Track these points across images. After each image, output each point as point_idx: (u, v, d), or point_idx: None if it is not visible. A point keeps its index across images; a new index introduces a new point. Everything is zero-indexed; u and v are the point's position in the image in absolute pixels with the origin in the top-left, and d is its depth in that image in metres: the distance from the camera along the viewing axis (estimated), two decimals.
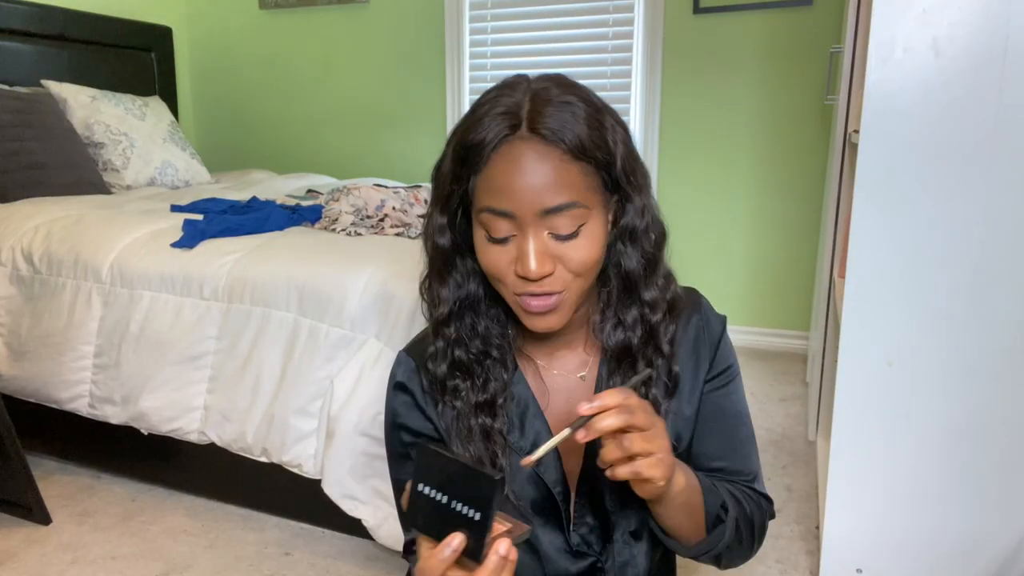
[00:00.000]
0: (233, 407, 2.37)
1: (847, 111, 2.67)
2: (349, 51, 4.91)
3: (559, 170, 1.02)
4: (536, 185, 1.02)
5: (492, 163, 1.04)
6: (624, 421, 0.93)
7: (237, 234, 2.67)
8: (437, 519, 0.85)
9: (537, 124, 1.03)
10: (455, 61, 4.63)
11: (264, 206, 3.04)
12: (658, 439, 0.97)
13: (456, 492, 0.84)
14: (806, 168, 4.04)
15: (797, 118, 4.01)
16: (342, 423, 2.15)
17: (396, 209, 2.86)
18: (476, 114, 1.07)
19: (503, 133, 1.03)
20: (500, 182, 1.03)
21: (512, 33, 4.51)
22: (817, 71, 3.91)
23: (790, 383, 3.73)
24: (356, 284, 2.26)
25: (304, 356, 2.27)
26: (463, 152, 1.07)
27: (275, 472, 2.38)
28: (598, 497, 1.22)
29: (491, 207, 1.04)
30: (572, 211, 1.03)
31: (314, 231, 2.76)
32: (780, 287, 4.23)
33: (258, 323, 2.36)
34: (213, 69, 5.28)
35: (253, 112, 5.24)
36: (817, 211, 4.04)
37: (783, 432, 3.14)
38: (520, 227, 1.04)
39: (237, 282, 2.41)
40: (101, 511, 2.60)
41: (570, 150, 1.03)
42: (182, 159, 4.11)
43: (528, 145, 1.02)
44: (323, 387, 2.23)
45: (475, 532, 0.84)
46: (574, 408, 1.20)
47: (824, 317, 2.92)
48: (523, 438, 1.20)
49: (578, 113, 1.05)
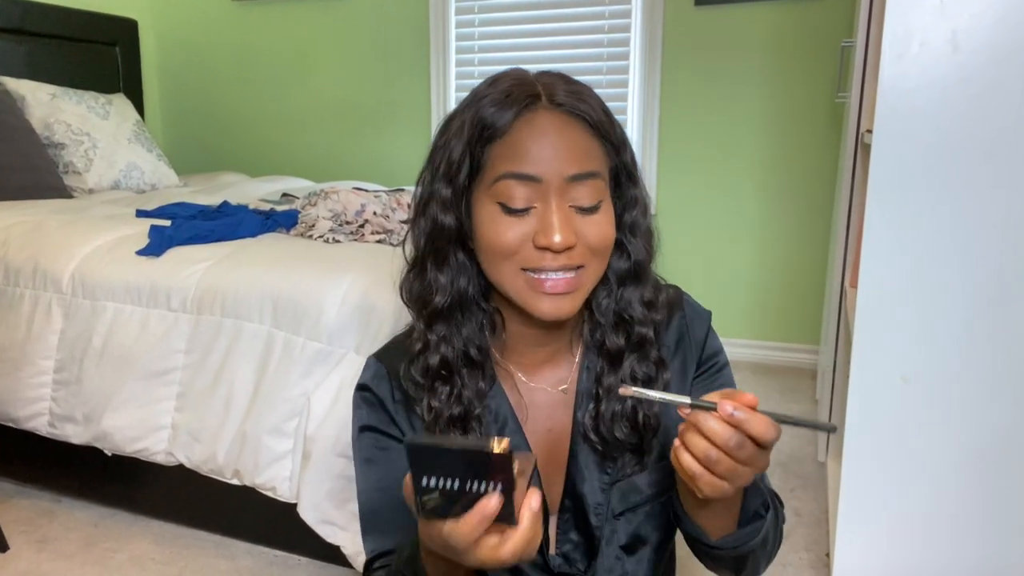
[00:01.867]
0: (203, 426, 2.36)
1: (859, 110, 2.67)
2: (327, 45, 4.91)
3: (586, 140, 1.07)
4: (562, 151, 1.05)
5: (515, 129, 1.06)
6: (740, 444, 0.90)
7: (207, 241, 2.66)
8: (454, 504, 0.84)
9: (557, 97, 1.07)
10: (440, 56, 4.63)
11: (236, 211, 3.03)
12: (761, 464, 0.94)
13: (467, 475, 0.82)
14: (815, 171, 4.05)
15: (806, 117, 4.02)
16: (319, 443, 2.14)
17: (377, 214, 2.86)
18: (488, 89, 1.10)
19: (525, 103, 1.06)
20: (524, 146, 1.05)
21: (501, 27, 4.51)
22: (827, 67, 3.92)
23: (798, 400, 3.73)
24: (334, 294, 2.25)
25: (279, 371, 2.26)
26: (480, 122, 1.08)
27: (248, 496, 2.36)
28: (582, 514, 1.23)
29: (514, 171, 1.05)
30: (595, 182, 1.07)
31: (289, 238, 2.76)
32: (788, 298, 4.24)
33: (229, 336, 2.35)
34: (182, 65, 5.28)
35: (224, 111, 5.24)
36: (827, 217, 4.06)
37: (791, 453, 3.14)
38: (543, 195, 1.06)
39: (207, 292, 2.40)
40: (62, 537, 2.58)
41: (592, 125, 1.07)
42: (148, 161, 4.09)
43: (553, 115, 1.06)
44: (299, 404, 2.22)
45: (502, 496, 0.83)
46: (555, 423, 1.23)
47: (835, 330, 2.92)
48: None
49: (592, 97, 1.10)
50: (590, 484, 1.22)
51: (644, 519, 1.25)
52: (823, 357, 3.37)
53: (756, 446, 0.90)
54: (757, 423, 0.88)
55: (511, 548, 0.84)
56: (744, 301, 4.31)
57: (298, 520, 2.19)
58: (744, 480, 0.94)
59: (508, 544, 0.84)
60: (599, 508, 1.22)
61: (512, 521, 0.84)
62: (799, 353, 4.26)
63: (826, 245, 4.07)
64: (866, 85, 2.63)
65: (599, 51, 4.32)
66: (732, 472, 0.91)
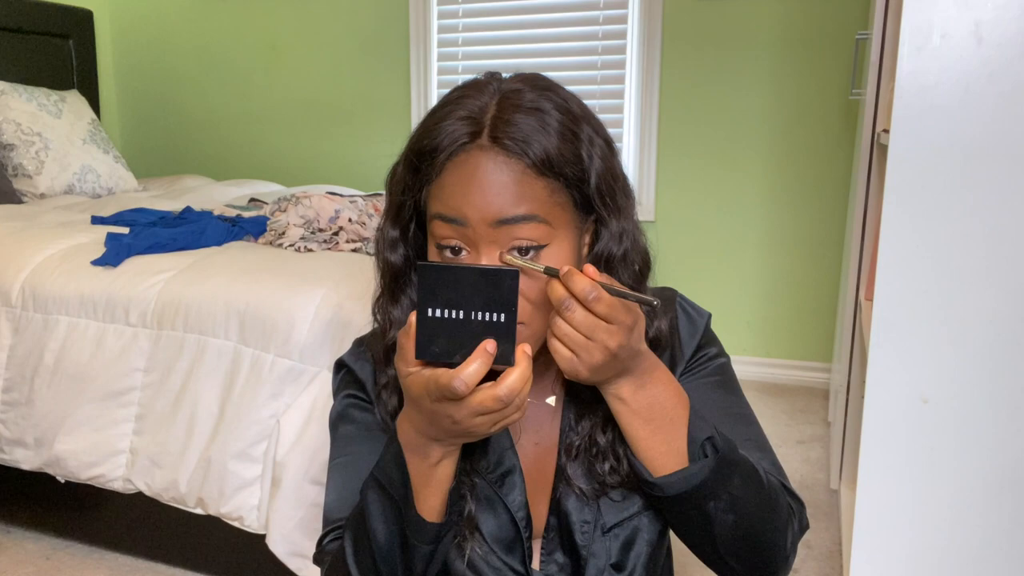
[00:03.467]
0: (163, 450, 2.34)
1: (875, 107, 2.68)
2: (299, 38, 4.91)
3: (519, 183, 1.05)
4: (490, 195, 1.04)
5: (446, 171, 1.07)
6: (595, 302, 0.97)
7: (168, 250, 2.65)
8: (456, 339, 0.95)
9: (500, 132, 1.05)
10: (421, 51, 4.64)
11: (200, 218, 3.02)
12: (603, 338, 1.00)
13: (473, 302, 0.94)
14: (828, 174, 4.06)
15: (817, 116, 4.04)
16: (290, 469, 2.14)
17: (352, 221, 2.86)
18: (435, 116, 1.10)
19: (461, 140, 1.06)
20: (451, 190, 1.06)
21: (487, 18, 4.52)
22: (840, 61, 3.94)
23: (809, 423, 3.74)
24: (306, 308, 2.25)
25: (246, 391, 2.25)
26: (416, 159, 1.10)
27: (213, 526, 2.35)
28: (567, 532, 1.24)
29: (441, 213, 1.08)
30: (531, 226, 1.06)
31: (257, 246, 2.75)
32: (798, 312, 4.24)
33: (192, 353, 2.34)
34: (141, 59, 5.27)
35: (187, 109, 5.23)
36: (841, 224, 4.07)
37: (801, 480, 3.14)
38: (471, 241, 1.06)
39: (168, 306, 2.39)
40: (11, 571, 2.56)
41: (534, 164, 1.05)
42: (105, 163, 4.08)
43: (487, 155, 1.05)
44: (268, 427, 2.21)
45: (501, 335, 0.95)
46: (543, 437, 1.27)
47: (849, 346, 2.92)
48: (485, 459, 1.24)
49: (549, 122, 1.07)
50: (577, 500, 1.23)
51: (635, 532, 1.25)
52: (836, 376, 3.38)
53: (589, 313, 0.98)
54: (578, 280, 0.97)
55: (508, 384, 0.94)
56: (750, 315, 4.32)
57: (267, 552, 2.18)
58: (590, 356, 1.00)
59: (505, 381, 0.94)
60: (585, 526, 1.23)
61: (511, 360, 0.95)
62: (810, 372, 4.27)
63: (839, 254, 4.08)
64: (882, 81, 2.64)
65: (593, 44, 4.33)
66: (571, 340, 1.00)
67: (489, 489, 1.23)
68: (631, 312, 1.01)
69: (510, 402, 0.94)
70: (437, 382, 0.94)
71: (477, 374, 0.92)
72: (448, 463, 1.07)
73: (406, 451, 1.06)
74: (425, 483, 1.07)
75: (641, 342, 1.06)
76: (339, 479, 1.28)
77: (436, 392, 0.94)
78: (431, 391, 0.95)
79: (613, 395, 1.09)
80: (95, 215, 3.18)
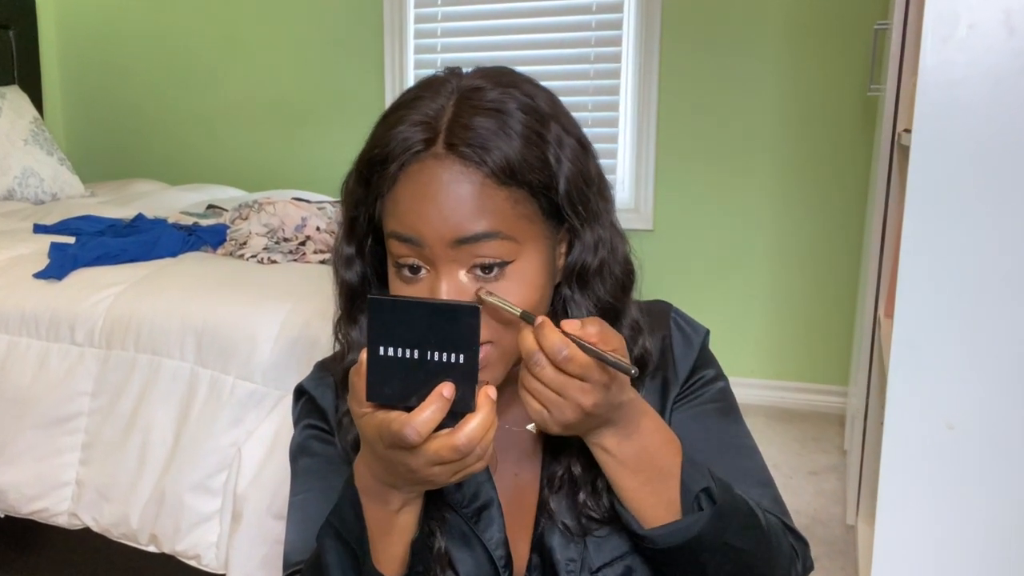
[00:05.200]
0: (113, 482, 2.33)
1: (896, 105, 2.68)
2: (262, 30, 4.91)
3: (478, 196, 1.05)
4: (447, 211, 1.04)
5: (399, 184, 1.07)
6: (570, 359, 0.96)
7: (119, 262, 2.65)
8: (411, 381, 0.92)
9: (456, 139, 1.05)
10: (396, 44, 4.64)
11: (152, 226, 3.02)
12: (575, 396, 0.98)
13: (429, 340, 0.91)
14: (843, 178, 4.08)
15: (831, 114, 4.05)
16: (252, 502, 2.13)
17: (321, 230, 2.86)
18: (387, 122, 1.11)
19: (414, 148, 1.06)
20: (405, 206, 1.06)
21: (468, 7, 4.54)
22: (857, 54, 3.95)
23: (824, 451, 3.74)
24: (270, 326, 2.25)
25: (203, 417, 2.24)
26: (367, 170, 1.11)
27: (168, 564, 2.33)
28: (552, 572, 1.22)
29: (396, 232, 1.08)
30: (493, 243, 1.06)
31: (216, 258, 2.75)
32: (810, 329, 4.25)
33: (144, 375, 2.33)
34: (88, 52, 5.26)
35: (139, 107, 5.22)
36: (857, 233, 4.08)
37: (814, 515, 3.14)
38: (429, 260, 1.07)
39: (118, 323, 2.38)
40: None
41: (494, 172, 1.05)
42: (48, 166, 4.07)
43: (442, 165, 1.05)
44: (228, 456, 2.20)
45: (460, 378, 0.92)
46: (523, 468, 1.26)
47: (866, 368, 2.92)
48: (460, 492, 1.23)
49: (511, 124, 1.07)
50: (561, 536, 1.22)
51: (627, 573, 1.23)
52: (852, 400, 3.38)
53: (559, 371, 0.97)
54: (548, 335, 0.96)
55: (467, 433, 0.92)
56: (758, 333, 4.32)
57: None
58: (561, 414, 1.00)
59: (463, 429, 0.92)
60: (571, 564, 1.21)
61: (471, 406, 0.93)
62: (824, 395, 4.27)
63: (856, 266, 4.09)
64: (904, 76, 2.64)
65: (586, 35, 4.34)
66: (541, 395, 0.99)
67: (465, 525, 1.22)
68: (607, 370, 0.99)
69: (469, 452, 0.93)
70: (389, 428, 0.92)
71: (431, 422, 0.91)
72: (410, 511, 1.06)
73: (364, 497, 1.05)
74: (385, 532, 1.06)
75: (623, 393, 1.04)
76: (299, 518, 1.28)
77: (388, 439, 0.93)
78: (384, 437, 0.94)
79: (596, 445, 1.09)
80: (37, 223, 3.18)
